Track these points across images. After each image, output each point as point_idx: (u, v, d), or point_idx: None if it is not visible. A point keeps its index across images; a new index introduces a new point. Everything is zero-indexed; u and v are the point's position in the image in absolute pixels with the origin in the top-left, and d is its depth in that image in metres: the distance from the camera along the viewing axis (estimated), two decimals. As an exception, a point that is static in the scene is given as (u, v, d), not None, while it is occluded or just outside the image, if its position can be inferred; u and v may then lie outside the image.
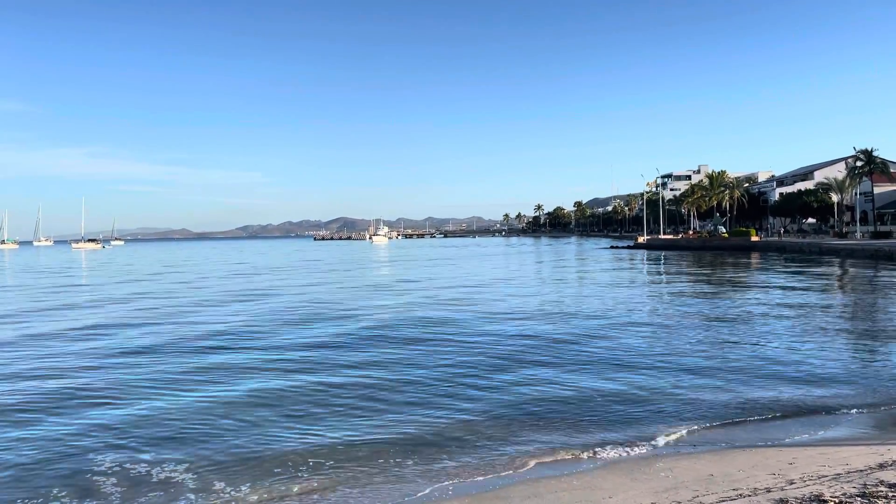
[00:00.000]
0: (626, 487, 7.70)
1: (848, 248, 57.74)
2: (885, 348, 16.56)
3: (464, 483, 8.26)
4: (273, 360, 16.03)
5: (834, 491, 7.05)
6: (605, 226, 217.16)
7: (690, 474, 8.06)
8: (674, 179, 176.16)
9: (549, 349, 16.91)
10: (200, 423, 10.85)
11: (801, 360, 15.05)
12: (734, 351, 16.27)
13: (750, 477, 7.79)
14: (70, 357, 16.96)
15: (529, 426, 10.49)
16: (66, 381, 14.07)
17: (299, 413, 11.33)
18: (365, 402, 12.03)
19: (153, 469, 8.80)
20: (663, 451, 9.24)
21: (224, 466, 8.86)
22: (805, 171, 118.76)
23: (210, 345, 18.46)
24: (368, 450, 9.43)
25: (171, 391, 13.06)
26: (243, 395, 12.59)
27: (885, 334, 18.66)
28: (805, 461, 8.34)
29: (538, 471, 8.63)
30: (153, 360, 16.38)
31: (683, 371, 14.10)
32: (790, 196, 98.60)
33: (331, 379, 13.86)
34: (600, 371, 14.26)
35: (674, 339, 18.21)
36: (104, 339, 19.94)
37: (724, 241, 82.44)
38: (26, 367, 15.75)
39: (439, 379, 13.74)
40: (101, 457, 9.32)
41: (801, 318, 21.77)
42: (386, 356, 16.36)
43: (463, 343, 18.05)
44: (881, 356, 15.56)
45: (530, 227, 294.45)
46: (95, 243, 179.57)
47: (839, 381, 13.05)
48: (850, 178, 78.34)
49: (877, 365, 14.51)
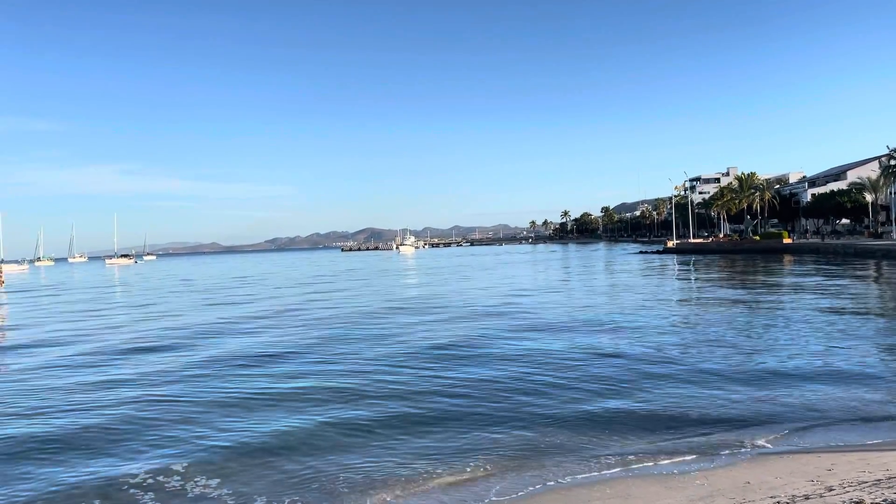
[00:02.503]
0: (660, 496, 7.62)
1: (884, 248, 56.47)
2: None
3: (494, 490, 8.24)
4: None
5: (875, 497, 6.90)
6: (634, 231, 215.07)
7: (726, 482, 7.94)
8: (702, 182, 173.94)
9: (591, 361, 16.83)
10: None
11: (838, 365, 14.72)
12: (767, 356, 15.98)
13: (788, 484, 7.66)
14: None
15: (558, 434, 10.42)
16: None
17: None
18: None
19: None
20: (699, 459, 9.11)
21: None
22: (837, 172, 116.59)
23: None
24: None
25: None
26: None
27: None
28: (844, 467, 8.17)
29: (569, 479, 8.57)
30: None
31: (715, 377, 13.90)
32: (822, 197, 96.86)
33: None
34: (631, 381, 14.13)
35: (705, 344, 17.97)
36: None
37: (755, 244, 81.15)
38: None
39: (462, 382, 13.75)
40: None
41: (838, 321, 21.32)
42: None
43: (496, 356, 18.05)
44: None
45: (557, 233, 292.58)
46: (128, 258, 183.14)
47: (878, 385, 12.76)
48: (884, 177, 76.77)
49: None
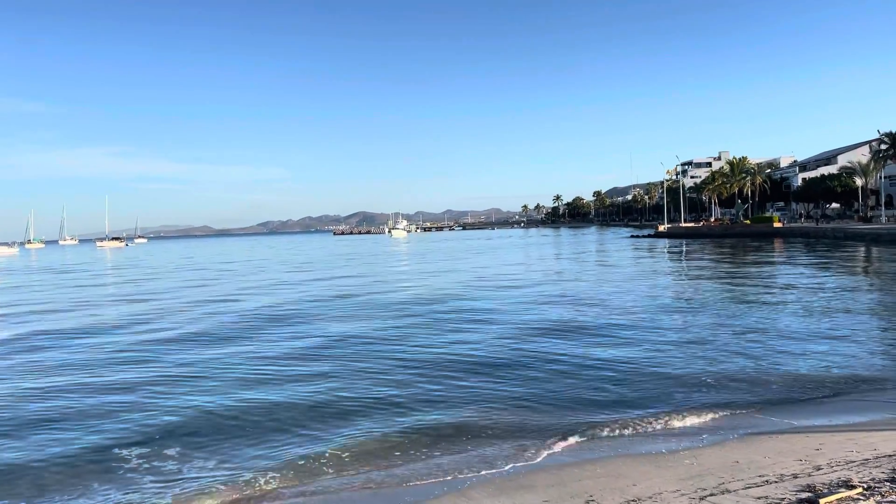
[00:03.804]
0: (650, 475, 7.66)
1: (873, 232, 56.81)
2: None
3: (486, 470, 8.28)
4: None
5: (862, 476, 6.96)
6: (625, 215, 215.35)
7: (716, 461, 8.00)
8: (694, 167, 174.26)
9: (570, 336, 16.89)
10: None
11: (826, 345, 14.86)
12: (757, 337, 16.08)
13: (776, 463, 7.71)
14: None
15: (551, 413, 10.48)
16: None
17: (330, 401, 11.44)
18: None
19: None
20: (689, 439, 9.17)
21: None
22: (828, 156, 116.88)
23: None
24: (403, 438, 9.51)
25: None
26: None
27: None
28: (833, 447, 8.23)
29: (561, 458, 8.61)
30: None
31: (705, 358, 14.00)
32: (813, 181, 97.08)
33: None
34: (624, 361, 14.20)
35: (696, 325, 18.06)
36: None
37: (746, 227, 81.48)
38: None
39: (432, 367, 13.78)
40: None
41: (826, 302, 21.46)
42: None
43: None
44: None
45: (549, 217, 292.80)
46: (119, 241, 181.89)
47: (865, 366, 12.87)
48: (874, 161, 76.94)
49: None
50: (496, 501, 7.22)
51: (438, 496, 7.53)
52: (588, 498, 7.03)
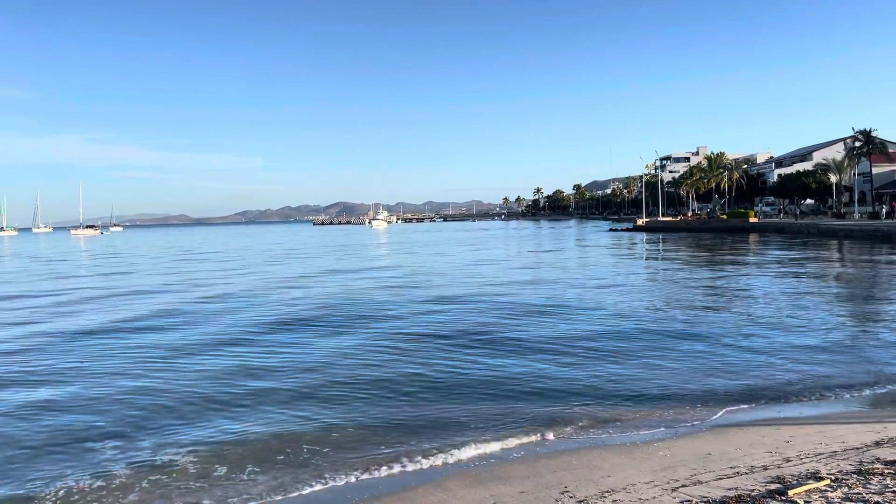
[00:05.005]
0: (624, 467, 7.78)
1: (846, 228, 57.75)
2: (881, 328, 16.62)
3: (463, 460, 8.35)
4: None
5: (830, 468, 7.13)
6: (605, 208, 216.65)
7: (688, 453, 8.13)
8: (672, 161, 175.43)
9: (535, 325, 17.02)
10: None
11: (796, 340, 15.12)
12: (730, 332, 16.31)
13: (747, 455, 7.87)
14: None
15: (527, 404, 10.57)
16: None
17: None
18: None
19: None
20: (662, 431, 9.31)
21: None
22: (804, 153, 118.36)
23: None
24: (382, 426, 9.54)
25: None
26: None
27: (880, 315, 18.74)
28: (802, 439, 8.41)
29: (536, 450, 8.70)
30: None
31: (678, 352, 14.18)
32: (789, 177, 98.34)
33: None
34: (600, 352, 14.34)
35: (669, 320, 18.28)
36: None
37: (722, 222, 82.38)
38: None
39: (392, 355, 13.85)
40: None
41: (797, 298, 21.82)
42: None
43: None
44: (877, 336, 15.61)
45: (530, 210, 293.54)
46: (94, 230, 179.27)
47: (835, 360, 13.12)
48: (848, 158, 78.10)
49: (873, 344, 14.57)
50: (473, 492, 7.29)
51: (415, 487, 7.59)
52: (563, 489, 7.12)
